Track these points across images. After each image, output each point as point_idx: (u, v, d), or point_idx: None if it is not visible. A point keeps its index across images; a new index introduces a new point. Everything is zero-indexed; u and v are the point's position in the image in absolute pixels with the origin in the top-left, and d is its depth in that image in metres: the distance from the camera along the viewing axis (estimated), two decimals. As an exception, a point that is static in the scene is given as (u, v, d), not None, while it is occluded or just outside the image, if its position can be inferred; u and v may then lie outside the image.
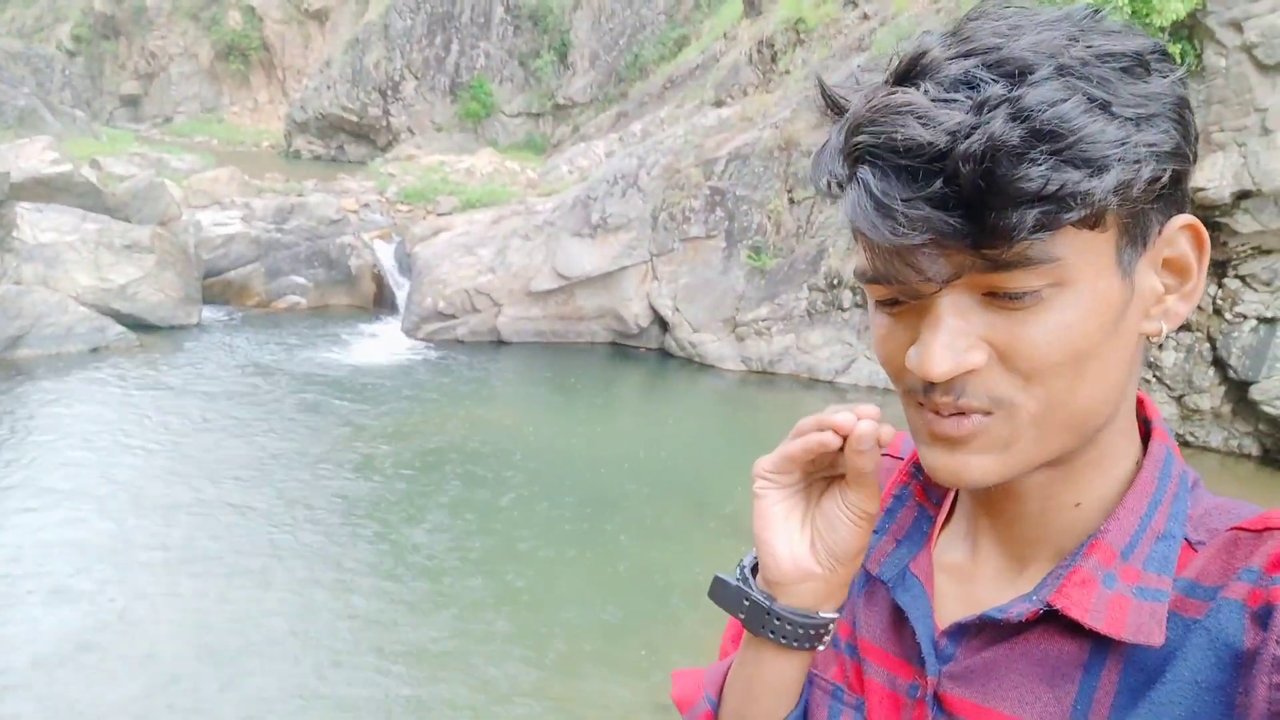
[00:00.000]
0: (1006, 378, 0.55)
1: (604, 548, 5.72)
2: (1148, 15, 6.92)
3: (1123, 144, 0.50)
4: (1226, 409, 7.54)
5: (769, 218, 9.67)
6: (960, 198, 0.51)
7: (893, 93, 0.54)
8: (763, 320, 9.51)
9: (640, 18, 19.72)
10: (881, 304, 0.61)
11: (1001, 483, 0.59)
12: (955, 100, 0.51)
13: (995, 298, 0.54)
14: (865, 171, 0.54)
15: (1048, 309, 0.54)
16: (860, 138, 0.54)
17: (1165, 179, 0.53)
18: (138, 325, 9.41)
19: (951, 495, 0.71)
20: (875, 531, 0.71)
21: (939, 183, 0.51)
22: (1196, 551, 0.57)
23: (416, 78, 21.51)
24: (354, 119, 21.86)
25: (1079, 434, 0.58)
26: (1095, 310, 0.54)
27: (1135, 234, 0.55)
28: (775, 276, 9.56)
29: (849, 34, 11.45)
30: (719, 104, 12.12)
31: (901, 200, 0.52)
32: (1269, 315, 7.23)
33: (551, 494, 6.45)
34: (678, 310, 9.79)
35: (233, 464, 6.69)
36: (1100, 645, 0.56)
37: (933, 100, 0.52)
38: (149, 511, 5.89)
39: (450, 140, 20.67)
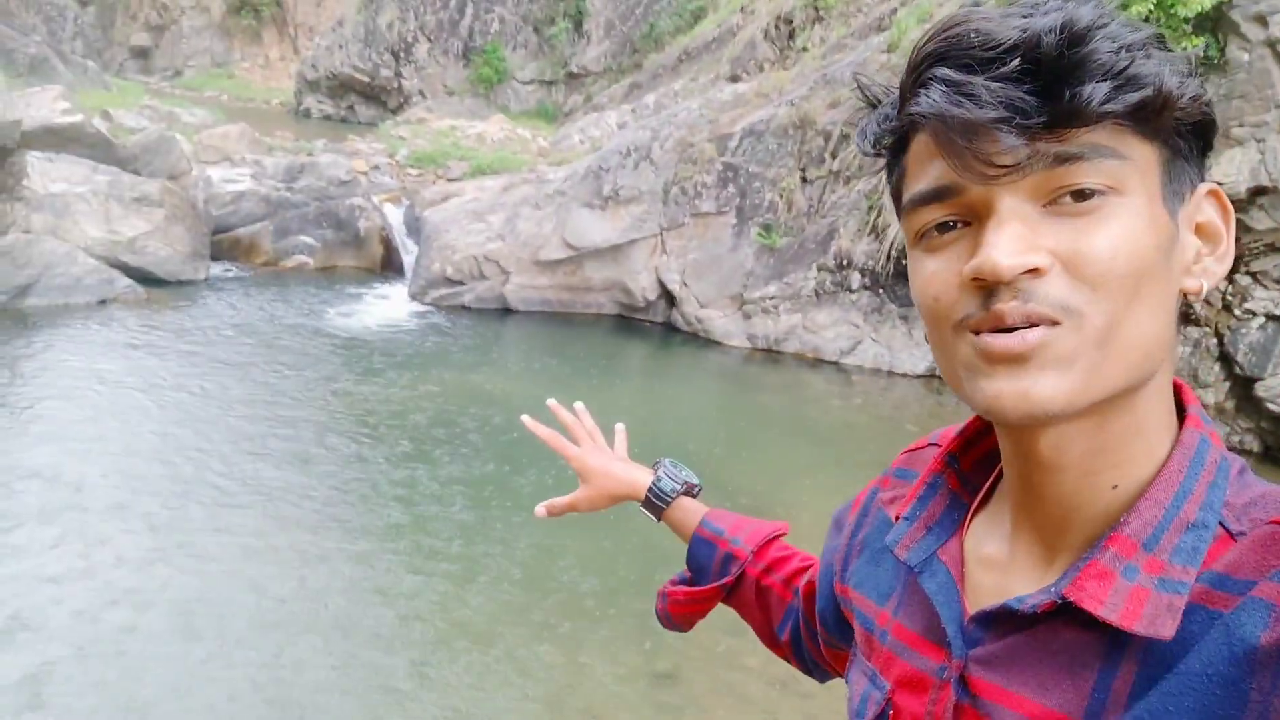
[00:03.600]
0: (1072, 285, 0.55)
1: (603, 519, 5.75)
2: (1173, 6, 6.85)
3: (1163, 62, 0.55)
4: (1230, 405, 7.55)
5: (781, 196, 9.63)
6: (1038, 74, 0.54)
7: (954, 17, 0.57)
8: (770, 299, 9.51)
9: (657, -12, 19.51)
10: (926, 240, 0.61)
11: (1069, 414, 0.56)
12: (1024, 20, 0.55)
13: (1057, 205, 0.56)
14: (939, 71, 0.56)
15: (1111, 216, 0.55)
16: (931, 46, 0.57)
17: (1198, 119, 0.58)
18: (146, 279, 9.41)
19: (987, 484, 0.72)
20: (906, 519, 0.73)
21: (1016, 61, 0.54)
22: (1236, 541, 0.56)
23: (429, 40, 21.34)
24: (365, 80, 21.71)
25: (1134, 370, 0.56)
26: (1153, 228, 0.56)
27: (1175, 179, 0.58)
28: (784, 255, 9.55)
29: (868, 13, 11.34)
30: (734, 79, 12.04)
31: (983, 78, 0.54)
32: (1278, 313, 7.23)
33: (554, 464, 6.48)
34: (685, 285, 9.79)
35: (232, 422, 6.73)
36: (1119, 636, 0.56)
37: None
38: (141, 463, 5.93)
39: (462, 105, 20.53)
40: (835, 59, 10.53)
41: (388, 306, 10.00)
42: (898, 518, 0.74)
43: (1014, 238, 0.55)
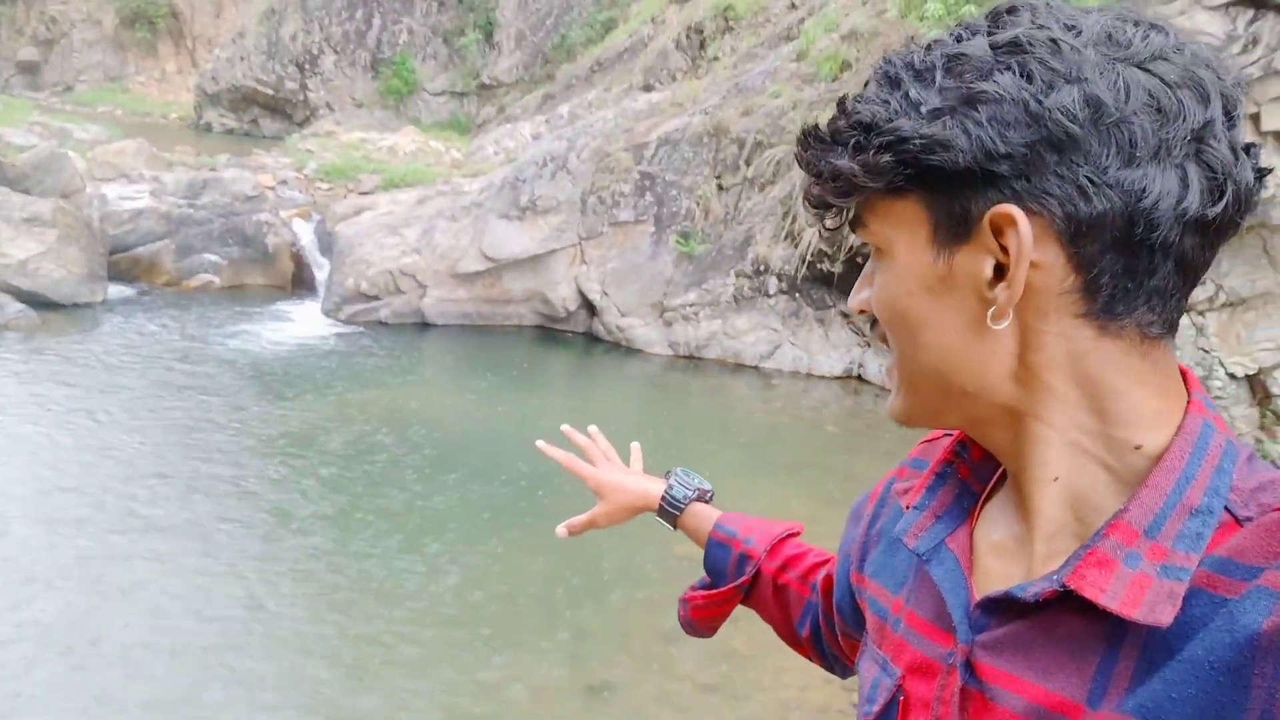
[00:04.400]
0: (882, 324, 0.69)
1: (531, 532, 5.70)
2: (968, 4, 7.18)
3: (888, 132, 0.61)
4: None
5: (698, 204, 9.72)
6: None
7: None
8: (690, 305, 9.58)
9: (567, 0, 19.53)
10: None
11: (911, 424, 0.70)
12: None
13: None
14: None
15: (880, 269, 0.67)
16: None
17: (929, 167, 0.60)
18: (39, 303, 8.94)
19: (999, 473, 0.73)
20: (916, 508, 0.75)
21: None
22: (1242, 527, 0.56)
23: (336, 52, 20.89)
24: (269, 92, 21.12)
25: (944, 393, 0.65)
26: (902, 280, 0.64)
27: (949, 218, 0.61)
28: (703, 262, 9.63)
29: (777, 23, 11.57)
30: (648, 88, 12.12)
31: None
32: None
33: (477, 480, 6.39)
34: (606, 294, 9.78)
35: (134, 452, 6.44)
36: (1120, 622, 0.57)
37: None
38: (38, 497, 5.62)
39: (371, 117, 20.14)
40: (747, 68, 10.70)
41: (301, 325, 9.71)
42: (908, 507, 0.76)
43: (858, 284, 0.71)
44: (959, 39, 0.62)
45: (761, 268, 9.44)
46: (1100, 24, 0.59)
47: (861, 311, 0.70)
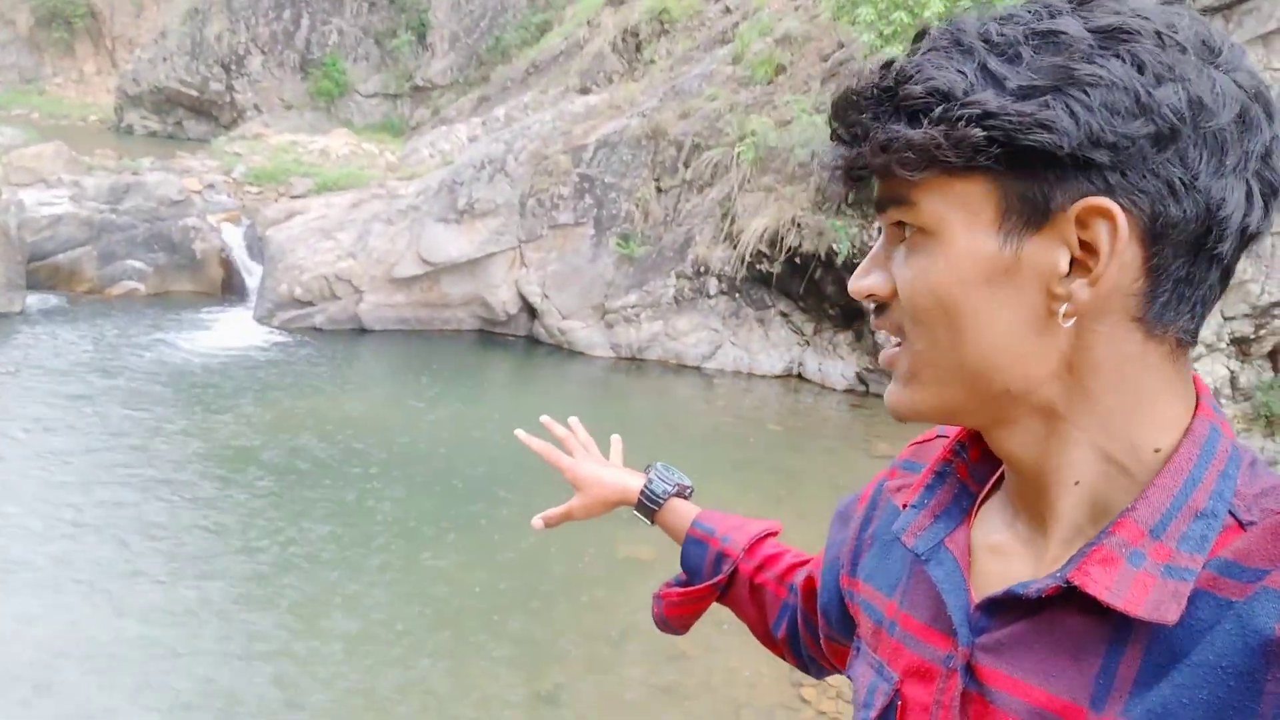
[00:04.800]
0: (903, 312, 0.63)
1: (475, 540, 5.63)
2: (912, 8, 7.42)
3: (971, 104, 0.56)
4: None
5: (637, 206, 9.73)
6: (837, 136, 0.64)
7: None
8: (631, 307, 9.58)
9: (502, 1, 19.40)
10: None
11: (921, 420, 0.66)
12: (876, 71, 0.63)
13: (902, 235, 0.63)
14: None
15: (918, 253, 0.62)
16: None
17: (1025, 147, 0.56)
18: (-50, 314, 8.54)
19: (996, 474, 0.72)
20: (914, 507, 0.73)
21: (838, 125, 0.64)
22: (1245, 531, 0.56)
23: (263, 52, 20.40)
24: (194, 94, 20.54)
25: (978, 389, 0.61)
26: (955, 266, 0.60)
27: (1024, 203, 0.57)
28: (644, 264, 9.64)
29: (712, 26, 11.65)
30: (584, 91, 12.09)
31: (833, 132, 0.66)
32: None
33: (419, 488, 6.29)
34: (546, 297, 9.73)
35: (56, 467, 6.19)
36: (1124, 622, 0.56)
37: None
38: (-29, 517, 5.37)
39: (301, 119, 19.73)
40: (683, 70, 10.76)
41: (232, 332, 9.45)
42: (905, 506, 0.75)
43: (863, 266, 0.66)
44: (1041, 16, 0.58)
45: (701, 269, 9.49)
46: (1191, 25, 0.58)
47: (870, 296, 0.65)
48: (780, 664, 4.50)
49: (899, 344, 0.65)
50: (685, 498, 1.22)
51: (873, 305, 0.66)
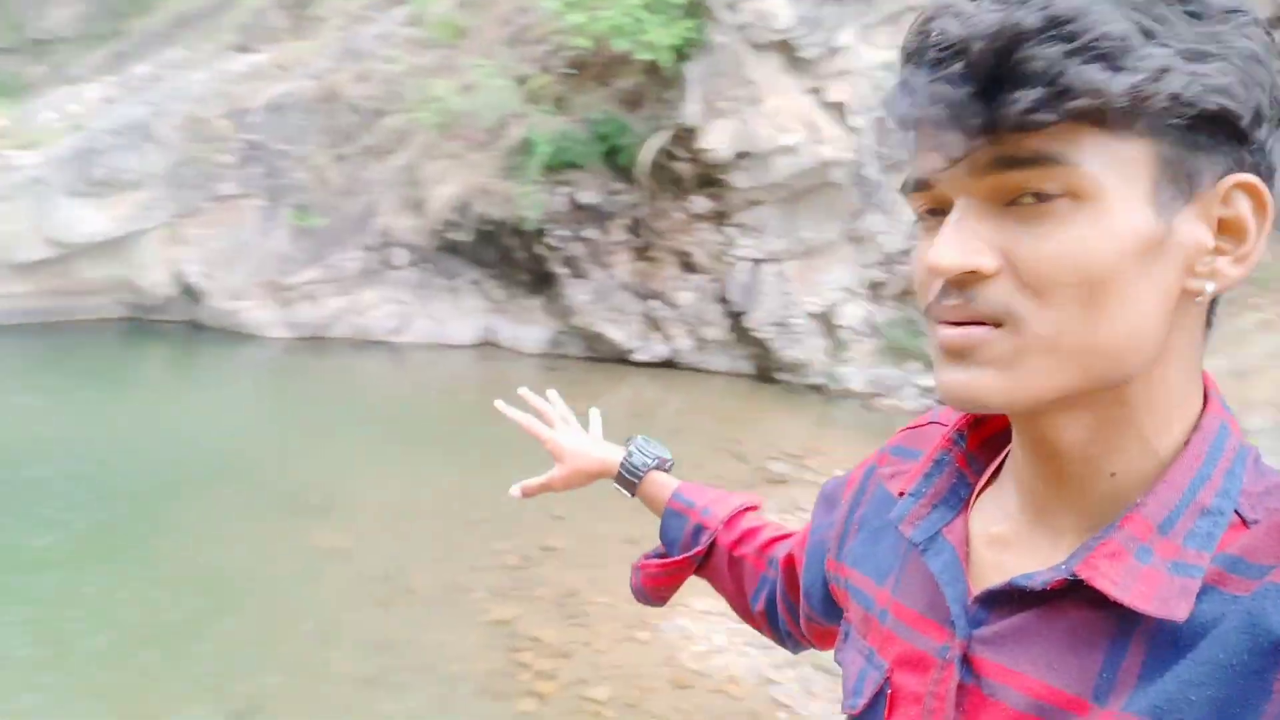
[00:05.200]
0: (1017, 290, 0.55)
1: (148, 555, 5.02)
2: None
3: (1149, 57, 0.51)
4: (730, 337, 8.85)
5: (313, 174, 9.09)
6: (976, 78, 0.53)
7: (938, 5, 0.57)
8: (311, 283, 8.98)
9: (133, -58, 17.09)
10: (922, 223, 0.62)
11: (1012, 410, 0.59)
12: (999, 6, 0.53)
13: (1018, 206, 0.55)
14: (902, 69, 0.58)
15: (1065, 222, 0.54)
16: (906, 41, 0.58)
17: (1205, 112, 0.53)
18: None
19: (995, 463, 0.71)
20: (912, 495, 0.72)
21: (959, 64, 0.54)
22: (1249, 529, 0.56)
23: None
24: None
25: (1096, 375, 0.56)
26: (1115, 237, 0.53)
27: (1177, 174, 0.54)
28: (324, 237, 9.05)
29: (383, -17, 11.09)
30: (244, 49, 11.02)
31: (926, 81, 0.55)
32: (759, 257, 8.61)
33: (74, 506, 5.48)
34: (210, 277, 8.83)
35: None
36: (1129, 617, 0.56)
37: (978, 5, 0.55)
38: None
39: (-128, 74, 16.14)
40: (357, 30, 10.15)
41: None
42: (902, 493, 0.73)
43: (956, 238, 0.56)
44: None
45: (388, 239, 9.10)
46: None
47: (972, 273, 0.55)
48: (495, 632, 4.50)
49: (994, 326, 0.56)
50: (665, 471, 1.22)
51: (938, 285, 0.58)
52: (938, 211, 0.60)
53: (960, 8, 0.55)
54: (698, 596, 4.69)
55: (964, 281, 0.56)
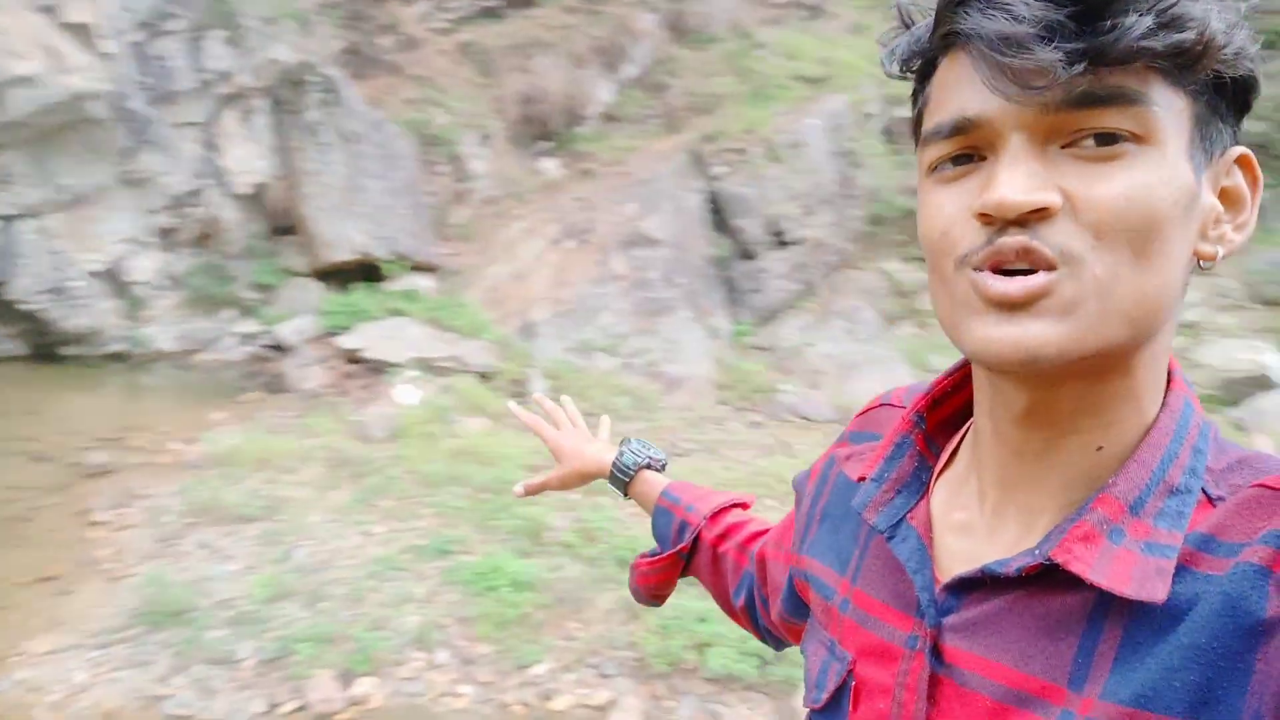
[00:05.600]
0: (1078, 231, 0.53)
1: None
2: None
3: (1225, 8, 0.53)
4: (-13, 314, 7.14)
5: None
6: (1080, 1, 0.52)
7: None
8: None
9: None
10: (940, 173, 0.58)
11: (1060, 363, 0.54)
12: None
13: (1077, 148, 0.54)
14: None
15: (1130, 164, 0.53)
16: None
17: (1240, 75, 0.55)
18: None
19: (953, 445, 0.69)
20: (874, 480, 0.69)
21: None
22: (1215, 506, 0.56)
23: None
24: None
25: (1139, 330, 0.55)
26: (1174, 183, 0.53)
27: (1206, 135, 0.56)
28: None
29: None
30: None
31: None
32: (8, 213, 7.00)
33: None
34: None
35: None
36: (1104, 600, 0.55)
37: None
38: None
39: None
40: None
41: None
42: (862, 478, 0.70)
43: (1027, 174, 0.53)
44: None
45: None
46: None
47: (1038, 210, 0.53)
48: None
49: (1050, 270, 0.53)
50: (659, 470, 1.23)
51: (983, 232, 0.55)
52: (964, 159, 0.57)
53: None
54: (33, 638, 3.86)
55: (1025, 221, 0.54)
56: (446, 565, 4.55)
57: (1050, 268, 0.53)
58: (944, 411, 0.72)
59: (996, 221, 0.54)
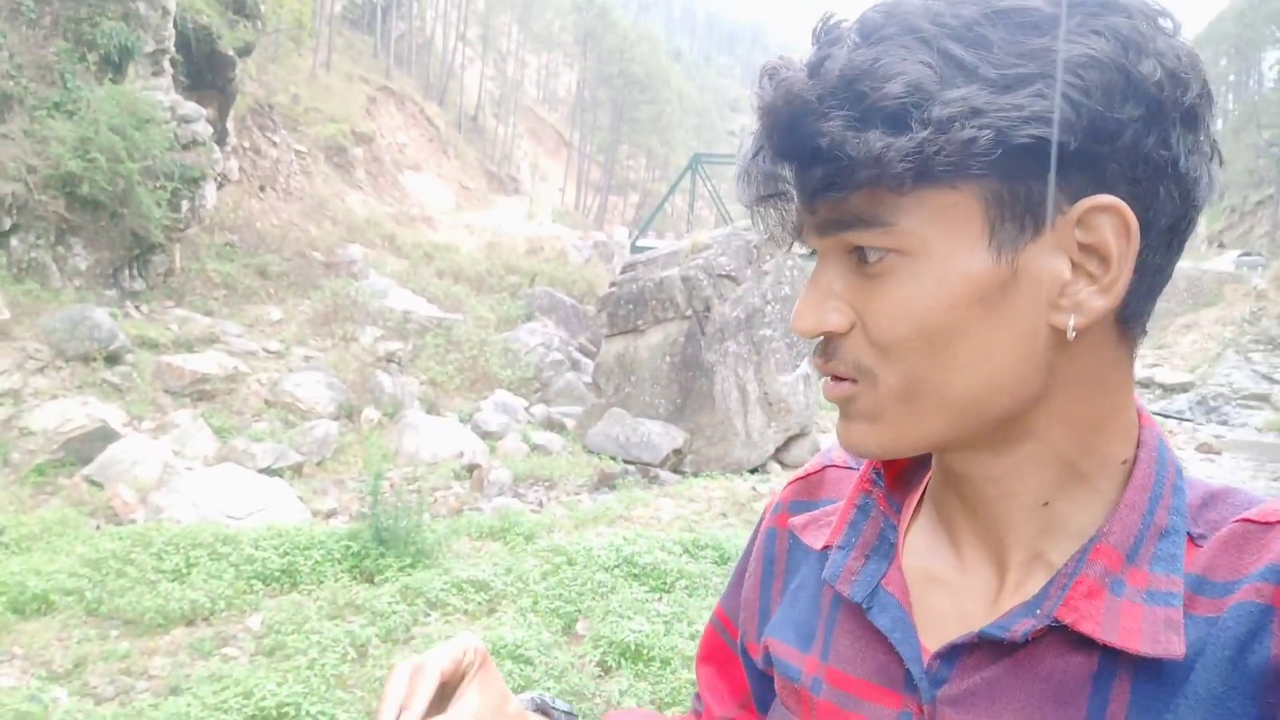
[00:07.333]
0: (867, 347, 0.54)
1: None
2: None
3: (948, 103, 0.47)
4: None
5: None
6: (782, 154, 0.53)
7: (781, 58, 0.54)
8: None
9: None
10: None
11: (888, 455, 0.56)
12: (794, 70, 0.52)
13: (863, 264, 0.54)
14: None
15: (893, 279, 0.52)
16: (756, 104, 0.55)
17: (1020, 146, 0.48)
18: None
19: (914, 501, 0.65)
20: (841, 548, 0.65)
21: (774, 138, 0.53)
22: (1199, 546, 0.53)
23: None
24: None
25: (965, 421, 0.53)
26: (946, 288, 0.51)
27: (1016, 209, 0.50)
28: None
29: None
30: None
31: (750, 158, 0.55)
32: None
33: None
34: None
35: None
36: (1109, 655, 0.52)
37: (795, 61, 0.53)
38: None
39: None
40: None
41: None
42: (826, 547, 0.66)
43: (810, 301, 0.55)
44: None
45: None
46: None
47: (825, 334, 0.55)
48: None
49: (852, 381, 0.55)
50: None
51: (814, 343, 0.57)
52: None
53: (776, 69, 0.54)
54: None
55: (824, 339, 0.56)
56: None
57: (853, 379, 0.55)
58: (897, 466, 0.67)
59: None
